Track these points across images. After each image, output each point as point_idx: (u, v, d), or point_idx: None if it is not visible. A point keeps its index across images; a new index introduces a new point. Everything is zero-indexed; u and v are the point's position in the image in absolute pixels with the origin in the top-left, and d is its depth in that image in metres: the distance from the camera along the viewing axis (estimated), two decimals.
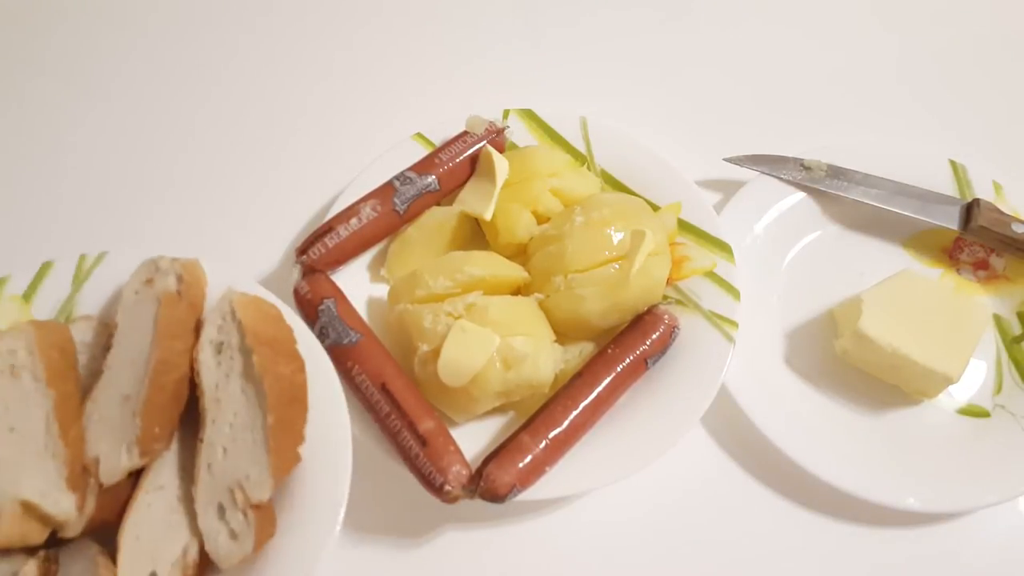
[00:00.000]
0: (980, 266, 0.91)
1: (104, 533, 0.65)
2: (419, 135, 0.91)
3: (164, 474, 0.67)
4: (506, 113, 0.93)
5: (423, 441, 0.70)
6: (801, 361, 0.85)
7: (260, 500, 0.63)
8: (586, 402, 0.73)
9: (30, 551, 0.62)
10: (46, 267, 0.76)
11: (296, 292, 0.79)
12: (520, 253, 0.85)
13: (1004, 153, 1.01)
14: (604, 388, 0.74)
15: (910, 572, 0.76)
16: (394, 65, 1.10)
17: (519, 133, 0.92)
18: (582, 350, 0.82)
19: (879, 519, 0.78)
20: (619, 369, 0.75)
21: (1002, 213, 0.88)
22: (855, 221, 0.93)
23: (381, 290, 0.83)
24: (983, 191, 0.92)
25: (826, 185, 0.91)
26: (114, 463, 0.64)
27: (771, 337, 0.87)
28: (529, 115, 0.93)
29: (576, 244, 0.78)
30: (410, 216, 0.85)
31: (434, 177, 0.85)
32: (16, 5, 1.14)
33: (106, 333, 0.72)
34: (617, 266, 0.78)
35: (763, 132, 1.01)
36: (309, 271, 0.80)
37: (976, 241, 0.90)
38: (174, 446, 0.69)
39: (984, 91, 1.09)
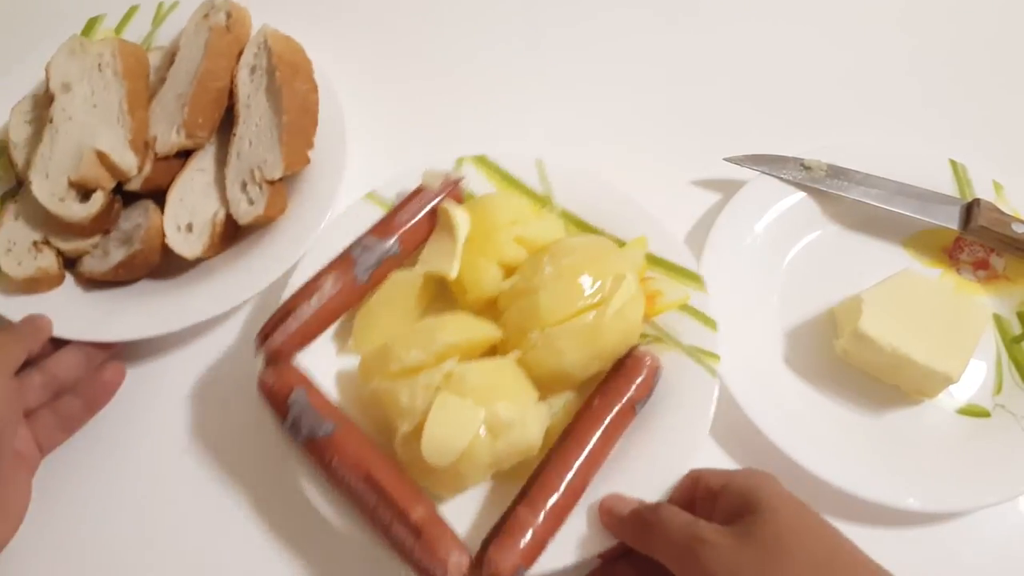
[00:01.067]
0: (980, 266, 0.90)
1: (158, 198, 0.87)
2: (371, 195, 0.86)
3: (205, 160, 0.90)
4: (459, 161, 0.89)
5: (417, 532, 0.66)
6: (801, 361, 0.84)
7: (272, 178, 0.85)
8: (579, 462, 0.70)
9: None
10: (133, 9, 1.02)
11: (262, 384, 0.73)
12: (490, 307, 0.81)
13: (1005, 153, 1.00)
14: (596, 444, 0.71)
15: (910, 572, 0.76)
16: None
17: (475, 181, 0.88)
18: (565, 401, 0.79)
19: (879, 519, 0.77)
20: (608, 421, 0.72)
21: (1002, 213, 0.87)
22: (855, 221, 0.91)
23: (349, 361, 0.80)
24: (983, 191, 0.91)
25: (826, 185, 0.90)
26: (166, 139, 0.88)
27: (771, 336, 0.85)
28: (483, 161, 0.89)
29: (548, 296, 0.75)
30: (373, 284, 0.80)
31: (394, 240, 0.80)
32: None
33: (170, 58, 0.94)
34: (593, 314, 0.75)
35: (763, 132, 0.99)
36: (273, 358, 0.75)
37: (976, 241, 0.89)
38: (214, 144, 0.91)
39: (984, 91, 1.08)
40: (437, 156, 0.91)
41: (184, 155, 0.91)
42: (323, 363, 0.78)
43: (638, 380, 0.75)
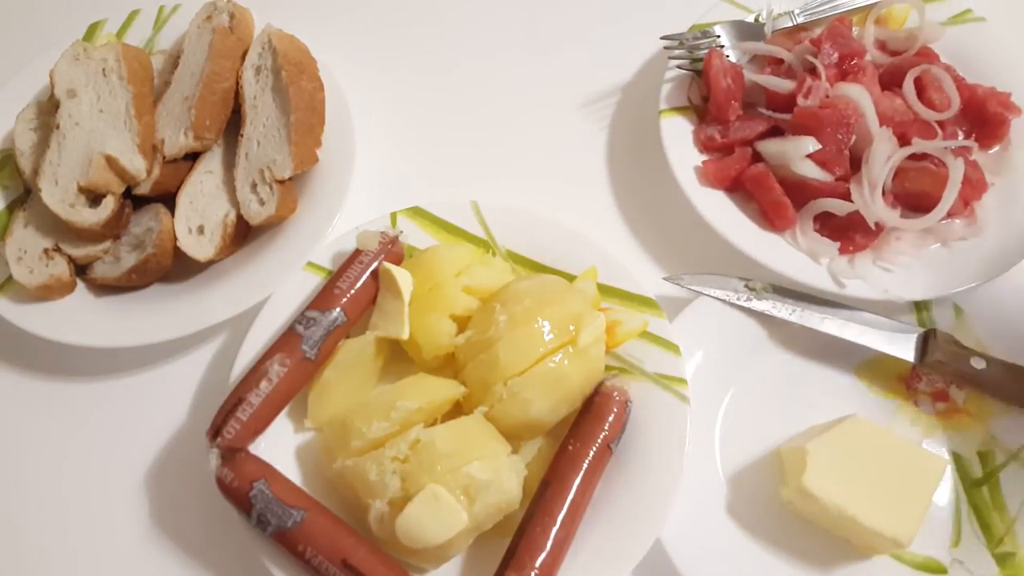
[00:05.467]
0: (939, 397, 0.84)
1: (168, 202, 0.88)
2: (311, 264, 0.84)
3: (213, 163, 0.92)
4: (394, 217, 0.86)
5: None
6: (745, 508, 0.78)
7: (282, 177, 0.87)
8: (563, 514, 0.69)
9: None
10: (134, 13, 1.02)
11: (220, 481, 0.70)
12: (448, 362, 0.79)
13: None
14: (576, 491, 0.70)
15: None
16: None
17: (414, 234, 0.85)
18: (539, 447, 0.78)
19: None
20: (585, 465, 0.71)
21: (961, 346, 0.81)
22: (804, 346, 0.85)
23: (309, 436, 0.78)
24: (942, 315, 0.85)
25: (772, 308, 0.84)
26: (174, 142, 0.89)
27: (713, 479, 0.79)
28: (418, 212, 0.86)
29: (507, 347, 0.73)
30: (323, 358, 0.77)
31: (339, 310, 0.78)
32: None
33: (173, 61, 0.95)
34: (556, 359, 0.74)
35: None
36: (228, 453, 0.72)
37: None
38: (222, 145, 0.93)
39: None
40: (444, 150, 0.93)
41: (192, 158, 0.92)
42: (282, 442, 0.77)
43: (610, 418, 0.73)
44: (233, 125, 0.93)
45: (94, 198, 0.86)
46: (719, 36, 0.98)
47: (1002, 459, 0.80)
